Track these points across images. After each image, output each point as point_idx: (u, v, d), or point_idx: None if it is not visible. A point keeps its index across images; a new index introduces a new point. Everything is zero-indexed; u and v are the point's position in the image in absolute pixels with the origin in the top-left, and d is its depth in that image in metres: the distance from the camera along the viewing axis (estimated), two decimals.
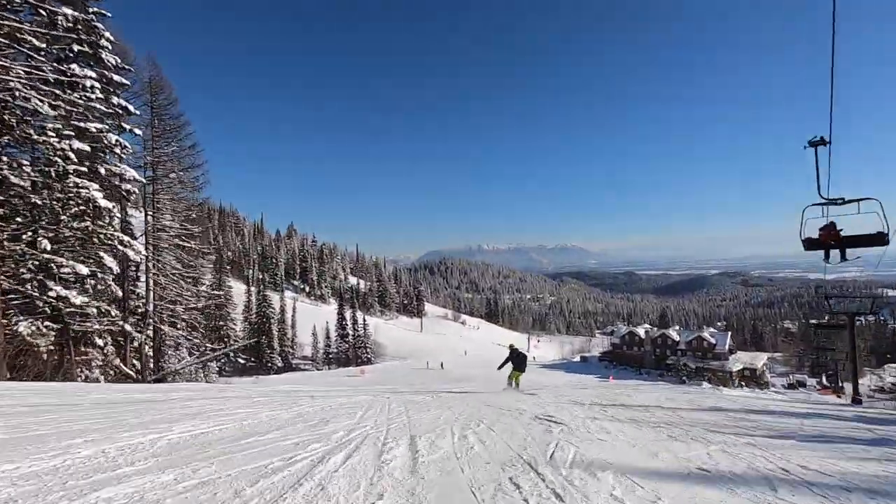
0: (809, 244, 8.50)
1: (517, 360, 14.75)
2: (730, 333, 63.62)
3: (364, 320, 69.09)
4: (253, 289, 63.55)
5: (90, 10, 15.93)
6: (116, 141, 15.99)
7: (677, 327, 69.62)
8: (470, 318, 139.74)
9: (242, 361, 63.22)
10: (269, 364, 59.87)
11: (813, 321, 43.59)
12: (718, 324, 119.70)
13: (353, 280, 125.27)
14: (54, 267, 13.21)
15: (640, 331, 68.68)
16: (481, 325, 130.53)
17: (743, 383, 53.76)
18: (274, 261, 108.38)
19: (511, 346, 15.44)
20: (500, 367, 15.81)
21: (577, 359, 79.43)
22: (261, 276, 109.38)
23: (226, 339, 58.47)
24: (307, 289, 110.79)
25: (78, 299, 13.45)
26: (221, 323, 58.36)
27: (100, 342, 16.23)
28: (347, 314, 68.59)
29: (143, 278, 21.37)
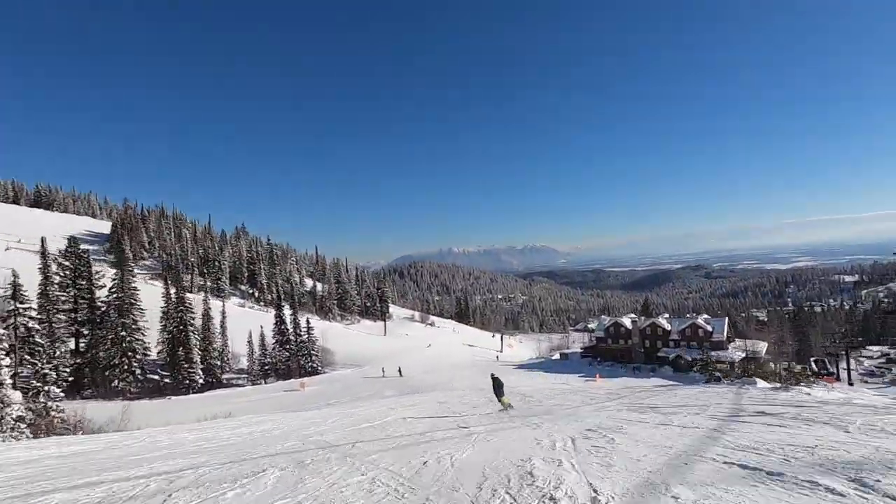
0: None
1: (497, 386, 17.15)
2: (726, 319, 55.53)
3: (308, 323, 57.95)
4: (171, 290, 51.51)
5: None
6: None
7: (667, 315, 61.19)
8: (439, 319, 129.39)
9: (157, 378, 51.30)
10: (189, 381, 48.17)
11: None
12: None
13: (309, 283, 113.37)
14: None
15: (626, 321, 59.88)
16: (451, 326, 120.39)
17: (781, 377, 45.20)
18: (217, 263, 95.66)
19: (492, 375, 18.06)
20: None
21: (556, 356, 70.21)
22: (203, 282, 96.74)
23: (129, 354, 46.62)
24: (256, 293, 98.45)
25: None
26: (123, 333, 46.52)
27: None
28: (287, 317, 57.33)
29: None
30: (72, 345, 47.13)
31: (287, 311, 58.08)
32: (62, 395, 26.67)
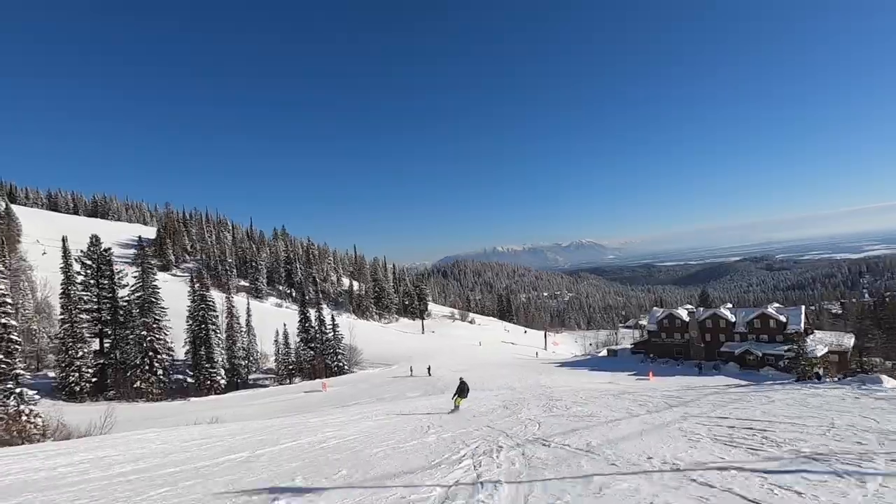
0: None
1: (462, 388, 19.40)
2: (803, 308, 47.65)
3: (333, 320, 54.78)
4: (196, 288, 49.63)
5: None
6: None
7: (729, 305, 53.70)
8: (480, 316, 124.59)
9: (182, 379, 49.61)
10: (210, 382, 46.01)
11: None
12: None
13: (347, 283, 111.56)
14: None
15: (682, 312, 52.97)
16: (492, 324, 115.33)
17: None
18: (254, 264, 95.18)
19: (460, 379, 20.29)
20: (452, 397, 19.82)
21: (604, 353, 63.85)
22: (242, 283, 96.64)
23: (150, 354, 44.96)
24: (293, 293, 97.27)
25: None
26: (144, 332, 44.95)
27: None
28: (312, 314, 54.38)
29: None
30: (96, 345, 46.06)
31: (312, 310, 55.00)
32: (37, 397, 23.99)
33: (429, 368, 47.09)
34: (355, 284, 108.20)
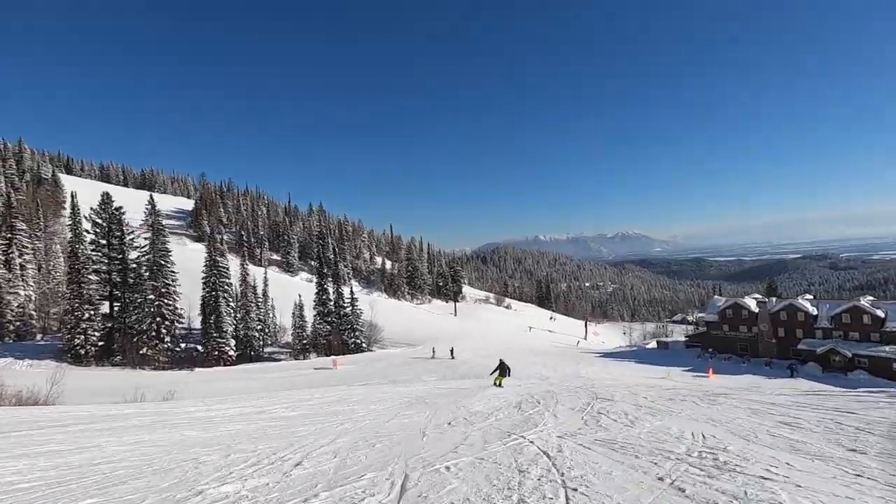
0: None
1: (502, 367, 20.37)
2: None
3: (352, 294, 50.32)
4: (211, 255, 46.29)
5: None
6: None
7: (808, 296, 45.27)
8: (518, 302, 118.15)
9: (193, 347, 46.70)
10: (218, 353, 42.69)
11: None
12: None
13: (380, 261, 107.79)
14: None
15: (750, 302, 45.04)
16: (530, 310, 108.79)
17: None
18: (286, 238, 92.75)
19: (500, 360, 21.36)
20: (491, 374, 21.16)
21: (652, 344, 56.47)
22: (275, 257, 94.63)
23: (157, 320, 42.04)
24: (324, 269, 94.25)
25: None
26: (152, 296, 42.07)
27: None
28: (331, 287, 50.12)
29: None
30: (106, 308, 43.64)
31: (331, 283, 50.68)
32: None
33: (451, 351, 41.90)
34: (388, 263, 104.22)
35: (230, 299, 45.49)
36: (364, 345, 48.59)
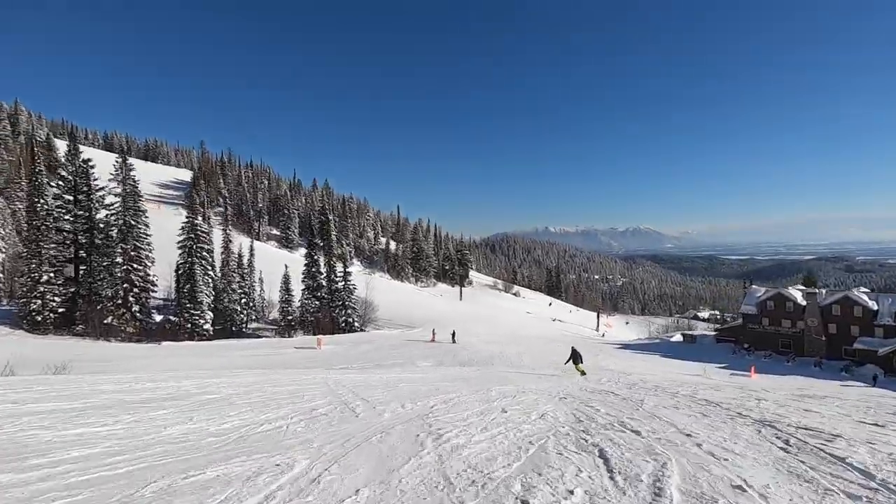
0: None
1: (575, 355, 20.17)
2: None
3: (346, 267, 45.19)
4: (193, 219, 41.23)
5: None
6: None
7: (865, 289, 39.18)
8: (526, 290, 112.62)
9: (169, 319, 41.84)
10: (191, 325, 37.82)
11: None
12: None
13: (384, 241, 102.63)
14: None
15: (796, 294, 39.13)
16: (539, 298, 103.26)
17: None
18: (286, 212, 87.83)
19: (573, 348, 21.00)
20: (566, 363, 20.68)
21: (677, 338, 50.71)
22: (274, 232, 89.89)
23: (125, 287, 37.22)
24: (317, 240, 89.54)
25: None
26: (119, 260, 37.23)
27: None
28: (322, 259, 44.99)
29: None
30: (71, 272, 38.89)
31: (321, 256, 45.55)
32: None
33: (453, 334, 36.58)
34: (393, 244, 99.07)
35: (209, 268, 40.52)
36: (356, 324, 43.51)
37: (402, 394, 10.48)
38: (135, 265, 38.54)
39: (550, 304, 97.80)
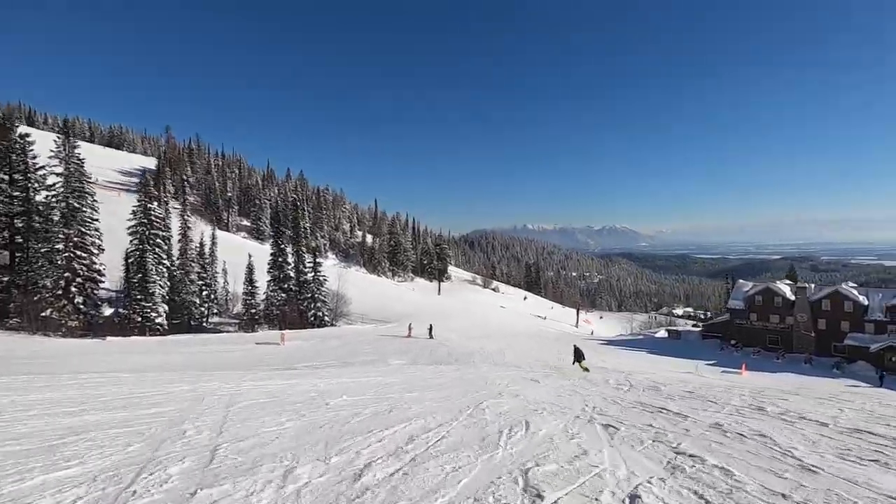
0: None
1: (578, 352, 20.43)
2: None
3: (315, 257, 42.05)
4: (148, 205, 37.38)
5: None
6: None
7: (853, 284, 38.07)
8: (506, 286, 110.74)
9: (121, 313, 38.00)
10: (142, 319, 34.21)
11: None
12: None
13: (361, 235, 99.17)
14: None
15: (784, 289, 37.87)
16: (518, 294, 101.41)
17: None
18: (258, 203, 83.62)
19: (574, 346, 21.45)
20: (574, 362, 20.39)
21: (662, 333, 49.19)
22: (245, 223, 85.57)
23: (67, 277, 33.43)
24: (284, 229, 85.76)
25: None
26: (59, 247, 33.39)
27: None
28: (290, 249, 41.77)
29: None
30: (6, 258, 34.74)
31: (288, 246, 42.26)
32: None
33: (430, 329, 33.97)
34: (370, 238, 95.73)
35: (164, 257, 36.82)
36: (327, 318, 40.43)
37: (335, 423, 6.57)
38: (79, 252, 34.62)
39: (525, 298, 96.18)
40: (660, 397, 10.00)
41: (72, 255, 34.17)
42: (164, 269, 36.76)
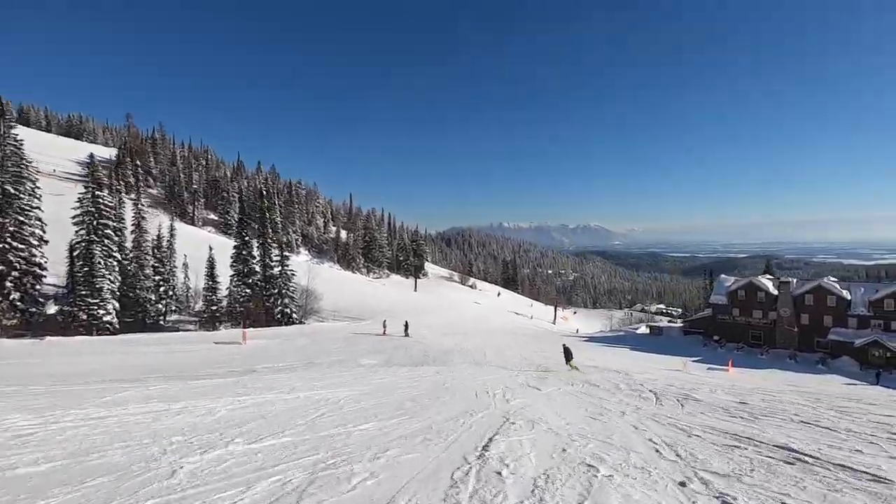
0: None
1: (567, 352, 19.72)
2: None
3: (282, 251, 39.33)
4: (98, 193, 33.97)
5: None
6: None
7: (833, 279, 37.59)
8: (483, 283, 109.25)
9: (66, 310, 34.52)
10: (88, 317, 31.03)
11: None
12: None
13: (336, 231, 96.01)
14: None
15: (767, 283, 37.19)
16: (496, 290, 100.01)
17: None
18: (225, 195, 79.69)
19: (563, 345, 20.53)
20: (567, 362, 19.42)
21: (643, 330, 48.18)
22: (212, 216, 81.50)
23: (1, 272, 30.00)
24: (262, 230, 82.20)
25: None
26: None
27: None
28: (255, 242, 38.95)
29: None
30: None
31: (252, 239, 39.38)
32: None
33: (405, 326, 31.83)
34: (344, 234, 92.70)
35: (114, 249, 33.58)
36: (295, 316, 37.78)
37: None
38: (16, 244, 31.14)
39: (499, 294, 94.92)
40: (731, 417, 8.00)
41: (7, 246, 30.66)
42: (115, 263, 33.52)
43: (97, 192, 33.46)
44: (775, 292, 36.27)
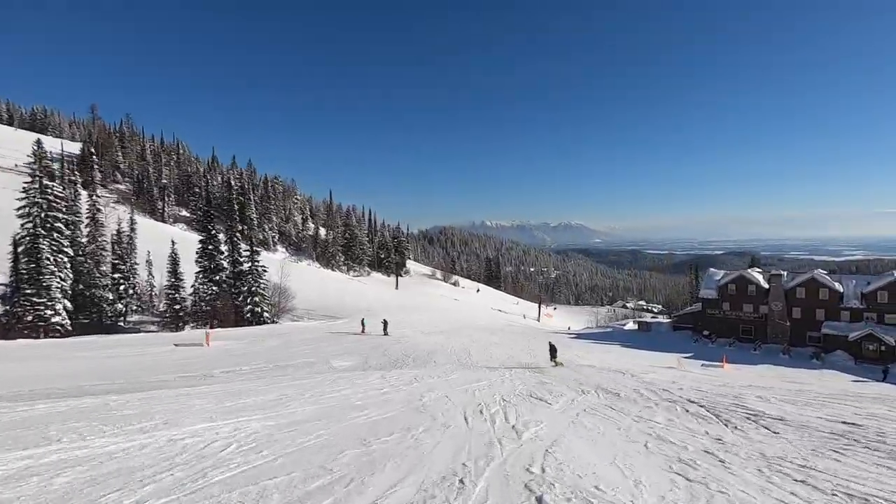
0: None
1: (553, 349, 19.79)
2: None
3: (252, 245, 36.85)
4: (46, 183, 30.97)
5: None
6: None
7: (823, 271, 36.72)
8: (466, 280, 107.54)
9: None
10: (35, 318, 28.16)
11: None
12: None
13: (314, 228, 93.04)
14: None
15: (758, 276, 36.18)
16: (478, 288, 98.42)
17: None
18: (197, 190, 76.23)
19: (549, 343, 20.66)
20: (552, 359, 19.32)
21: (630, 325, 46.97)
22: (184, 213, 77.93)
23: None
24: (235, 224, 78.91)
25: None
26: None
27: None
28: (222, 236, 36.39)
29: None
30: None
31: (219, 232, 36.80)
32: None
33: (384, 324, 29.77)
34: (323, 231, 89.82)
35: (65, 244, 30.71)
36: (267, 315, 35.33)
37: None
38: None
39: (479, 290, 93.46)
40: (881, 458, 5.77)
41: None
42: (66, 259, 30.65)
43: (45, 182, 30.54)
44: (766, 286, 35.26)
